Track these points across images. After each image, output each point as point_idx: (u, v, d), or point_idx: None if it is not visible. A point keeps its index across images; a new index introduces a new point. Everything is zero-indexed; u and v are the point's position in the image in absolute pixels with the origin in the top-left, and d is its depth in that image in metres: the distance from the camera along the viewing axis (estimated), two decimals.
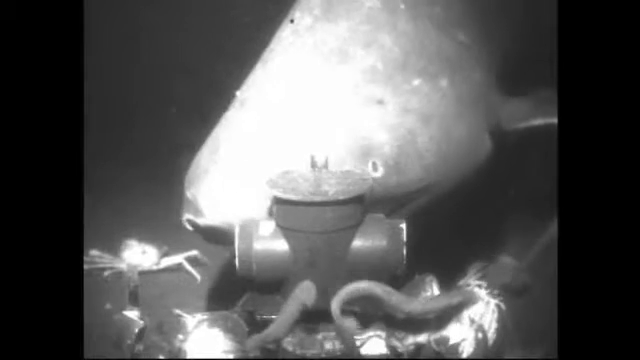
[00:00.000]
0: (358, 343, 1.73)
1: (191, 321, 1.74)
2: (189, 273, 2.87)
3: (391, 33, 2.41)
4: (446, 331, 1.71)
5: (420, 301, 1.70)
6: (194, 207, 2.00)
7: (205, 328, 1.71)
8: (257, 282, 1.81)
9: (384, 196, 2.15)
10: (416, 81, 2.31)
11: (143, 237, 2.86)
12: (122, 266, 2.78)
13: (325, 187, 1.79)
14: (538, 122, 2.56)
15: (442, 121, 2.28)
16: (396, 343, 1.73)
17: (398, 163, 2.13)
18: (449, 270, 1.85)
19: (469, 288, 1.77)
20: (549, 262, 1.75)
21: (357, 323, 1.77)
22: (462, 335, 1.70)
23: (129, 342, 1.74)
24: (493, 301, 1.75)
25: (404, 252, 1.79)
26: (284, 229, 1.79)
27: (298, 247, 1.77)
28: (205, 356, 1.68)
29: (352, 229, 1.80)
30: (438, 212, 2.36)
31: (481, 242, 2.63)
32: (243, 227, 1.82)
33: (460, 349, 1.70)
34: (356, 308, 1.81)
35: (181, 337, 1.71)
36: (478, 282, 1.78)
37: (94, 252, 2.78)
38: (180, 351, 1.70)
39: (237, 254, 1.80)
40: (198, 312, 1.76)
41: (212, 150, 2.11)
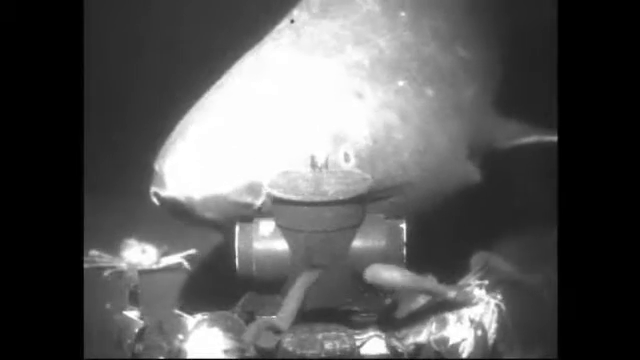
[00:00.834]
0: (358, 343, 1.74)
1: (191, 321, 1.74)
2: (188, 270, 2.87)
3: (386, 36, 2.42)
4: (446, 331, 1.71)
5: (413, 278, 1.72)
6: (160, 180, 2.02)
7: (205, 328, 1.71)
8: (257, 282, 1.81)
9: None
10: (401, 82, 2.32)
11: (142, 236, 2.86)
12: (122, 265, 2.78)
13: (325, 187, 1.80)
14: (533, 140, 2.57)
15: (422, 124, 2.27)
16: (396, 343, 1.73)
17: (372, 157, 2.13)
18: (449, 270, 1.85)
19: (469, 288, 1.77)
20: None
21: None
22: (462, 335, 1.71)
23: (129, 342, 1.74)
24: (493, 301, 1.75)
25: (404, 252, 1.79)
26: (284, 229, 1.79)
27: (298, 247, 1.77)
28: (205, 356, 1.68)
29: (352, 229, 1.80)
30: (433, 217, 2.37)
31: (481, 242, 2.63)
32: (243, 227, 1.82)
33: (460, 349, 1.70)
34: (356, 307, 1.82)
35: (181, 337, 1.71)
36: (478, 282, 1.78)
37: (94, 252, 2.78)
38: (180, 351, 1.70)
39: (237, 254, 1.80)
40: (198, 312, 1.76)
41: (183, 127, 2.12)
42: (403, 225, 1.83)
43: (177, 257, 2.94)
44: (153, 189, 2.04)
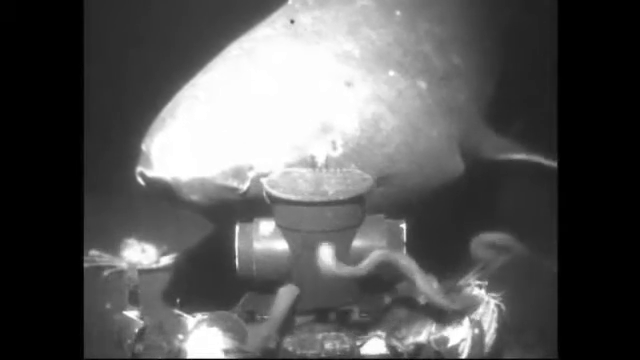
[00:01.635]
0: (358, 343, 1.74)
1: (191, 321, 1.74)
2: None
3: (379, 30, 2.41)
4: (446, 331, 1.71)
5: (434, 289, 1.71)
6: (146, 159, 2.00)
7: (205, 328, 1.71)
8: (257, 282, 1.81)
9: None
10: (392, 72, 2.31)
11: (142, 236, 2.86)
12: (122, 265, 2.78)
13: (325, 187, 1.80)
14: (520, 157, 2.55)
15: (411, 117, 2.25)
16: (396, 343, 1.73)
17: (359, 145, 2.12)
18: (449, 270, 1.85)
19: (469, 288, 1.77)
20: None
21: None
22: (462, 335, 1.71)
23: (129, 342, 1.74)
24: (493, 301, 1.75)
25: (404, 252, 1.79)
26: (284, 229, 1.79)
27: (298, 247, 1.77)
28: (205, 356, 1.68)
29: (352, 229, 1.80)
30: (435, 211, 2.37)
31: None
32: (243, 227, 1.82)
33: (460, 349, 1.70)
34: (356, 307, 1.82)
35: (181, 337, 1.71)
36: (478, 282, 1.78)
37: (93, 252, 2.78)
38: (180, 351, 1.70)
39: (237, 254, 1.80)
40: (198, 312, 1.76)
41: (173, 106, 2.11)
42: (403, 225, 1.83)
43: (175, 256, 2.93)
44: (139, 169, 2.02)
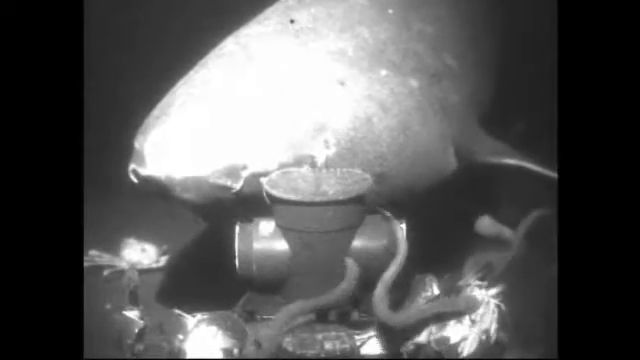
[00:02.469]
0: (358, 343, 1.74)
1: (191, 321, 1.74)
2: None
3: (371, 28, 2.41)
4: (446, 331, 1.71)
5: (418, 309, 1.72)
6: (140, 157, 1.99)
7: (205, 328, 1.71)
8: (257, 282, 1.81)
9: None
10: (384, 72, 2.31)
11: (142, 236, 2.86)
12: (122, 265, 2.78)
13: (325, 187, 1.80)
14: (512, 163, 2.54)
15: (403, 114, 2.25)
16: (396, 343, 1.73)
17: (352, 143, 2.13)
18: (449, 270, 1.85)
19: (469, 288, 1.77)
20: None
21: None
22: (462, 335, 1.71)
23: (129, 342, 1.74)
24: (493, 301, 1.75)
25: (403, 252, 1.79)
26: (284, 229, 1.79)
27: (298, 247, 1.77)
28: (205, 356, 1.68)
29: (352, 229, 1.80)
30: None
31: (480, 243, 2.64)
32: (243, 227, 1.82)
33: (460, 349, 1.70)
34: (355, 308, 1.82)
35: (181, 337, 1.71)
36: (478, 282, 1.78)
37: (93, 252, 2.78)
38: (180, 351, 1.70)
39: (237, 254, 1.80)
40: (198, 312, 1.76)
41: (167, 104, 2.10)
42: (403, 225, 1.83)
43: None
44: (132, 166, 2.01)
